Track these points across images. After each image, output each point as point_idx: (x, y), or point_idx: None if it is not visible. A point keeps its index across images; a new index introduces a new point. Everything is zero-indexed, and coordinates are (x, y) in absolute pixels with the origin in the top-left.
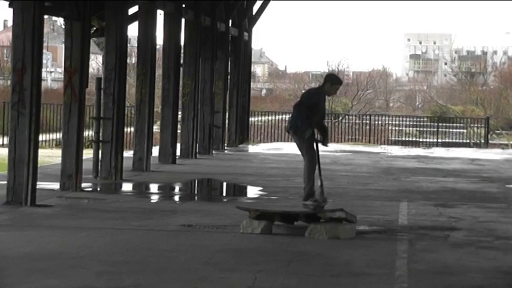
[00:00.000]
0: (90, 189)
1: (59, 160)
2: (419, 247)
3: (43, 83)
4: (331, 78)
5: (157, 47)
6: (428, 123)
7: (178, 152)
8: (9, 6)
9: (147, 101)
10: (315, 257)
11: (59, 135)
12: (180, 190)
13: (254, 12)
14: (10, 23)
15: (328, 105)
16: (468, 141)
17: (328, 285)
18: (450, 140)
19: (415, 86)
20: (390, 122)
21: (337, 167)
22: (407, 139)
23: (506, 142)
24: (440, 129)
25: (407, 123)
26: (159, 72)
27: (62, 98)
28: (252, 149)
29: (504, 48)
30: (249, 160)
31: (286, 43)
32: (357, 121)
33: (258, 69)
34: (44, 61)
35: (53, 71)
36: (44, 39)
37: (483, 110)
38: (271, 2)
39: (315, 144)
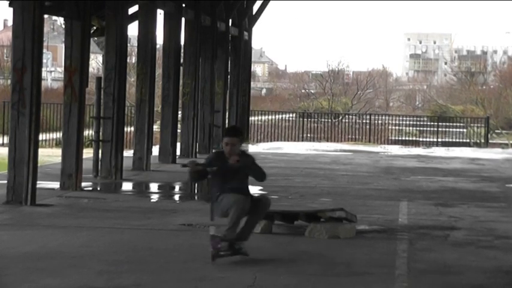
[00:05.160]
0: (90, 188)
1: (59, 159)
2: (419, 246)
3: (43, 83)
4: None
5: (157, 46)
6: (428, 123)
7: (178, 152)
8: (9, 5)
9: (147, 100)
10: (315, 257)
11: (59, 135)
12: (180, 189)
13: (254, 12)
14: (10, 23)
15: (328, 105)
16: (468, 140)
17: (328, 285)
18: (450, 140)
19: (415, 85)
20: (390, 122)
21: (337, 166)
22: (407, 138)
23: (506, 142)
24: (440, 129)
25: (407, 122)
26: (159, 71)
27: (62, 98)
28: (252, 148)
29: (504, 47)
30: None
31: (286, 43)
32: (357, 120)
33: (258, 69)
34: (44, 60)
35: (53, 71)
36: (44, 39)
37: (483, 110)
38: (271, 1)
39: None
